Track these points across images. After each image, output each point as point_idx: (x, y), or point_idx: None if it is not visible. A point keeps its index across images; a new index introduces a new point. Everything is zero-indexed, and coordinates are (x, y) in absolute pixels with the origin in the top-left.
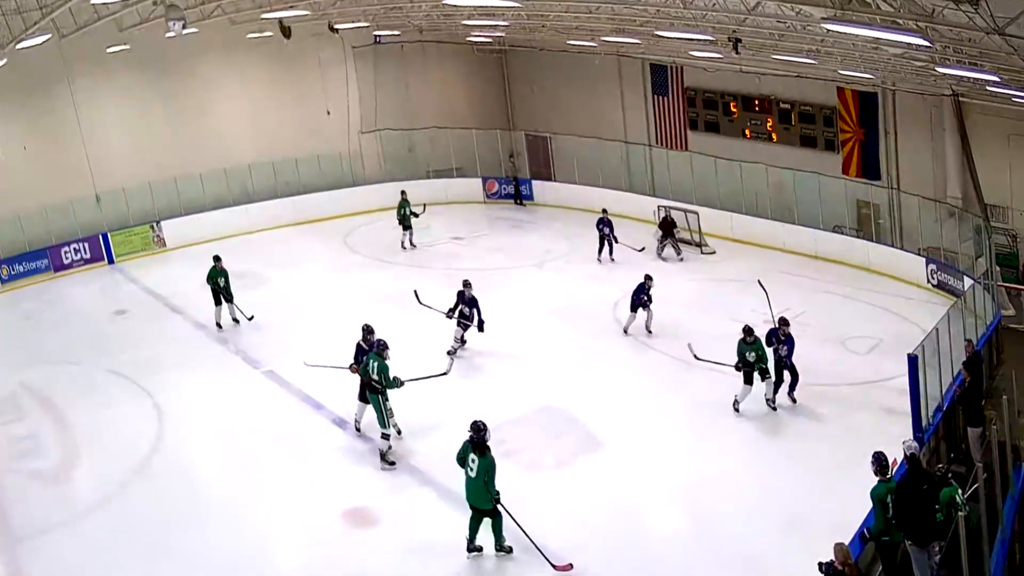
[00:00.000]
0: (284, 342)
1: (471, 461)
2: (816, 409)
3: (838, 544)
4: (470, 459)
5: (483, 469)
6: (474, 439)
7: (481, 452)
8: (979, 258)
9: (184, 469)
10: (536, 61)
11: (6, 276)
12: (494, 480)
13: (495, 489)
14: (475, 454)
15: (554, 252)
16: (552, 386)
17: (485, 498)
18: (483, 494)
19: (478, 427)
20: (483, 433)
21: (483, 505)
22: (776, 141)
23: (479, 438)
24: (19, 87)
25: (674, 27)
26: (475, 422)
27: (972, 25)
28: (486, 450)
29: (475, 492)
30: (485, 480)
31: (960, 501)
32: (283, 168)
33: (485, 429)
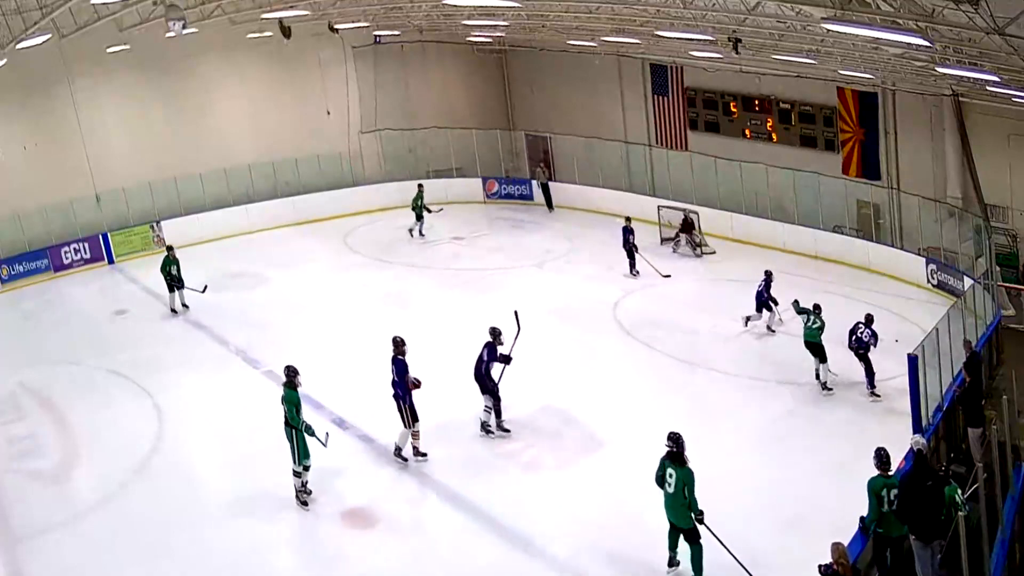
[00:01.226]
0: (284, 342)
1: (669, 476)
2: (816, 409)
3: (835, 543)
4: (668, 473)
5: (681, 482)
6: (672, 451)
7: (680, 463)
8: (979, 258)
9: (184, 469)
10: (536, 61)
11: (6, 276)
12: (695, 494)
13: (698, 507)
14: (673, 467)
15: (554, 252)
16: (552, 386)
17: (686, 516)
18: (684, 511)
19: (676, 438)
20: (681, 443)
21: (684, 524)
22: (776, 141)
23: (678, 448)
24: (19, 87)
25: (674, 27)
26: (671, 433)
27: (972, 25)
28: (684, 461)
29: (675, 509)
30: (685, 495)
31: (960, 501)
32: (283, 168)
33: (681, 439)
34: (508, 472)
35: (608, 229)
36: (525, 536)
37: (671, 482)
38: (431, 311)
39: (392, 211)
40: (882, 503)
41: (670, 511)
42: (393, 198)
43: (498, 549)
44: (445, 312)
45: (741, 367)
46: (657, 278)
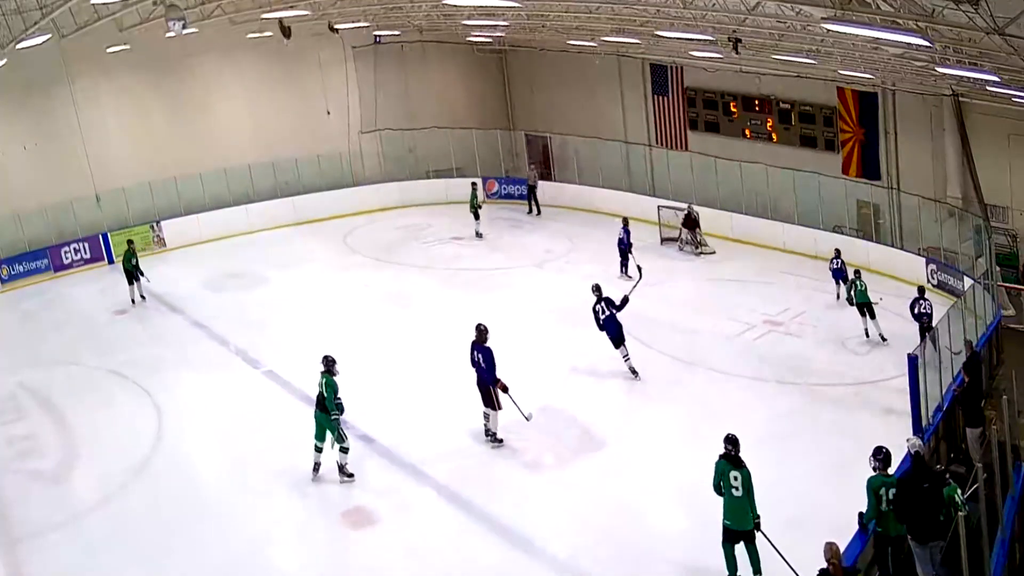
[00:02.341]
0: (284, 342)
1: (733, 479)
2: (816, 409)
3: (828, 543)
4: (731, 477)
5: (748, 483)
6: (731, 452)
7: (739, 465)
8: (979, 258)
9: (184, 469)
10: (536, 61)
11: (6, 276)
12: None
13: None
14: (736, 470)
15: (554, 252)
16: (552, 386)
17: (749, 518)
18: (747, 513)
19: (733, 440)
20: (738, 444)
21: (746, 526)
22: (776, 141)
23: (736, 449)
24: (19, 87)
25: (674, 27)
26: (729, 435)
27: (972, 25)
28: (742, 462)
29: (740, 512)
30: (749, 496)
31: (960, 501)
32: (283, 168)
33: (738, 440)
34: (508, 472)
35: (608, 229)
36: (525, 536)
37: (737, 484)
38: (431, 311)
39: (392, 211)
40: (880, 502)
41: (734, 515)
42: (393, 198)
43: (498, 549)
44: (445, 312)
45: (741, 367)
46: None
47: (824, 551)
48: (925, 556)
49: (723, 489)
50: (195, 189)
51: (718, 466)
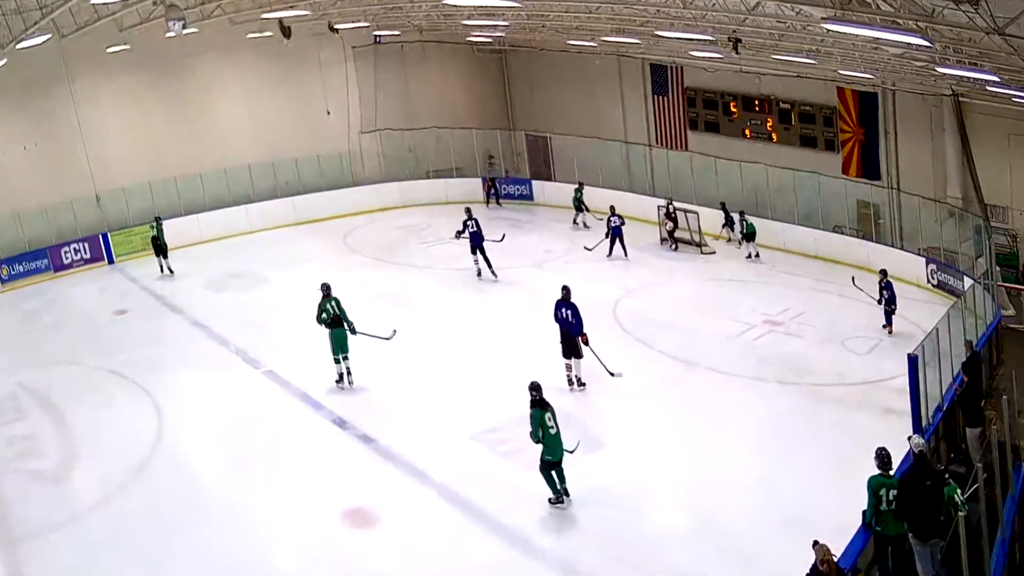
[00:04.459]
0: (284, 342)
1: (548, 420)
2: (816, 409)
3: (818, 544)
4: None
5: (556, 418)
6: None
7: (549, 407)
8: (979, 258)
9: (184, 469)
10: (536, 61)
11: (6, 276)
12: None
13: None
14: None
15: (554, 252)
16: (552, 386)
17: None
18: (562, 444)
19: (536, 386)
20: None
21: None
22: (776, 141)
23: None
24: (19, 87)
25: (674, 27)
26: (533, 382)
27: (972, 25)
28: (549, 404)
29: (559, 445)
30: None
31: (960, 501)
32: (283, 168)
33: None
34: (508, 472)
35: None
36: (524, 536)
37: (552, 424)
38: (431, 311)
39: (392, 211)
40: (880, 502)
41: (554, 450)
42: (393, 198)
43: (498, 549)
44: (445, 312)
45: (741, 367)
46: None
47: (816, 552)
48: (926, 554)
49: (543, 431)
50: (195, 189)
51: (535, 415)
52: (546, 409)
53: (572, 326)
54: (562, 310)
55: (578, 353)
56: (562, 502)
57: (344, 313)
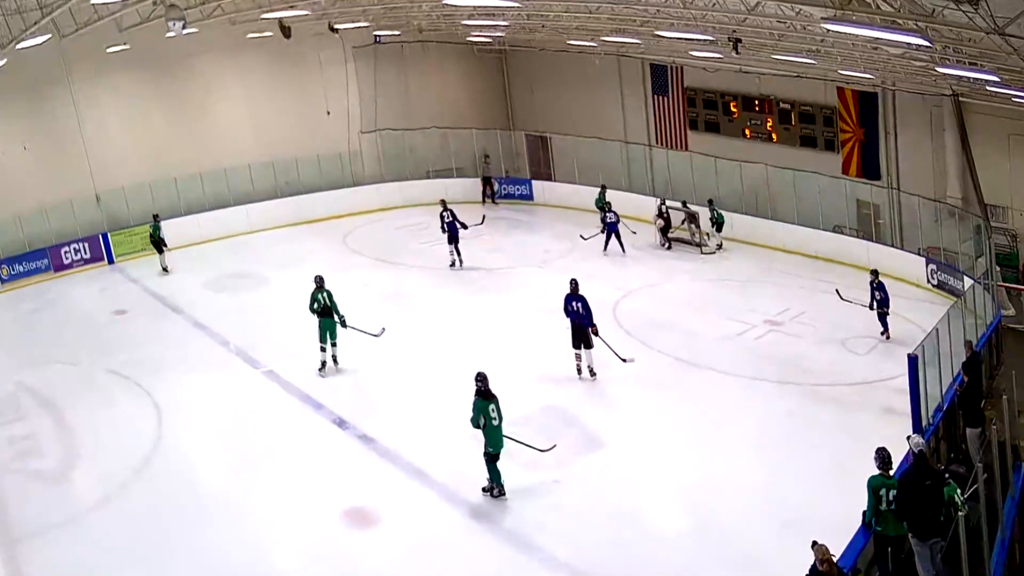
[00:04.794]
0: (284, 342)
1: (491, 411)
2: (816, 409)
3: (817, 545)
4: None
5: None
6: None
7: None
8: (979, 258)
9: (184, 469)
10: (536, 61)
11: (6, 276)
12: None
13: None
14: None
15: (554, 252)
16: (552, 386)
17: (502, 440)
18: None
19: (482, 376)
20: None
21: (502, 447)
22: (776, 141)
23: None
24: (19, 87)
25: (674, 27)
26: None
27: (972, 25)
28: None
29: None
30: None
31: (960, 501)
32: (283, 168)
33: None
34: (508, 472)
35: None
36: (524, 535)
37: (495, 415)
38: (431, 311)
39: (392, 211)
40: (880, 502)
41: (495, 442)
42: (393, 198)
43: (497, 549)
44: (445, 312)
45: (741, 367)
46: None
47: (815, 552)
48: (926, 554)
49: (484, 421)
50: (195, 189)
51: (477, 404)
52: (490, 400)
53: (583, 318)
54: (573, 303)
55: (588, 343)
56: (504, 494)
57: (335, 306)
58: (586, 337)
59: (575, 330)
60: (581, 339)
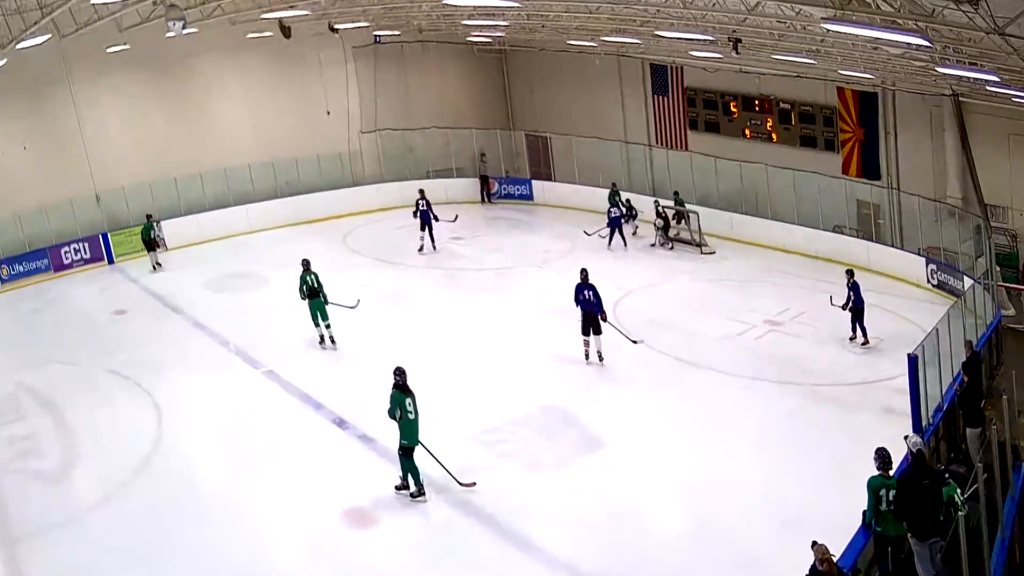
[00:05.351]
0: (284, 342)
1: (408, 405)
2: (816, 409)
3: (816, 545)
4: (407, 403)
5: (416, 406)
6: (400, 382)
7: (410, 392)
8: (979, 258)
9: (184, 469)
10: (536, 61)
11: (6, 276)
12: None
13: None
14: (409, 397)
15: (554, 252)
16: (552, 386)
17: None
18: (418, 431)
19: (400, 371)
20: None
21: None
22: (776, 141)
23: (404, 380)
24: (19, 87)
25: (674, 27)
26: (397, 367)
27: (972, 25)
28: (410, 389)
29: (415, 431)
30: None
31: (959, 501)
32: (283, 168)
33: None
34: (507, 472)
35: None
36: (524, 535)
37: (411, 409)
38: (431, 311)
39: (392, 211)
40: (880, 502)
41: (411, 435)
42: (393, 198)
43: (497, 548)
44: (445, 312)
45: (741, 367)
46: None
47: (815, 552)
48: (925, 553)
49: (401, 414)
50: (195, 189)
51: (395, 396)
52: (407, 394)
53: (594, 306)
54: (584, 292)
55: (598, 330)
56: (424, 494)
57: (322, 287)
58: (595, 324)
59: (585, 317)
60: (590, 325)
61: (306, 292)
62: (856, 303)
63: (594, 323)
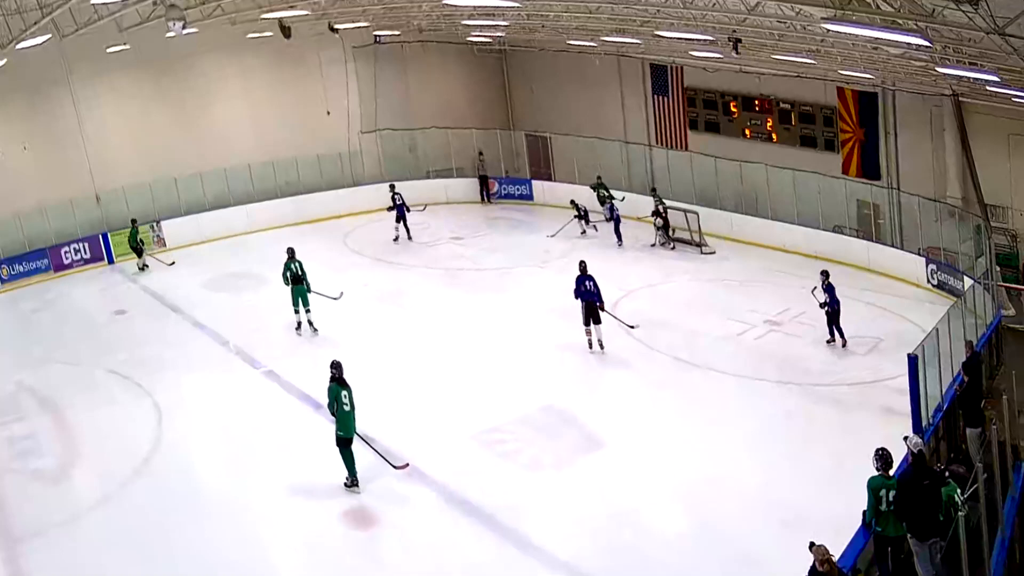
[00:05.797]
0: (284, 342)
1: (344, 398)
2: (816, 409)
3: (815, 546)
4: (343, 396)
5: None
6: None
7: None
8: (979, 258)
9: (184, 469)
10: (536, 61)
11: (6, 276)
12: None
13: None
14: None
15: (554, 252)
16: (552, 386)
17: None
18: (354, 423)
19: (337, 365)
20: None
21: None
22: (776, 141)
23: (340, 373)
24: (19, 87)
25: (674, 27)
26: (333, 361)
27: (972, 25)
28: (347, 382)
29: (351, 423)
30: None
31: (959, 501)
32: (283, 168)
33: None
34: (507, 472)
35: (608, 228)
36: (524, 535)
37: (347, 401)
38: (431, 311)
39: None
40: (880, 503)
41: (347, 427)
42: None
43: (497, 548)
44: (445, 312)
45: (740, 367)
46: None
47: (815, 554)
48: (925, 554)
49: (337, 406)
50: (195, 189)
51: (332, 390)
52: (344, 387)
53: (594, 295)
54: (585, 283)
55: (597, 319)
56: (356, 484)
57: (305, 274)
58: (595, 313)
59: (587, 307)
60: (591, 315)
61: (289, 278)
62: (831, 304)
63: (594, 313)
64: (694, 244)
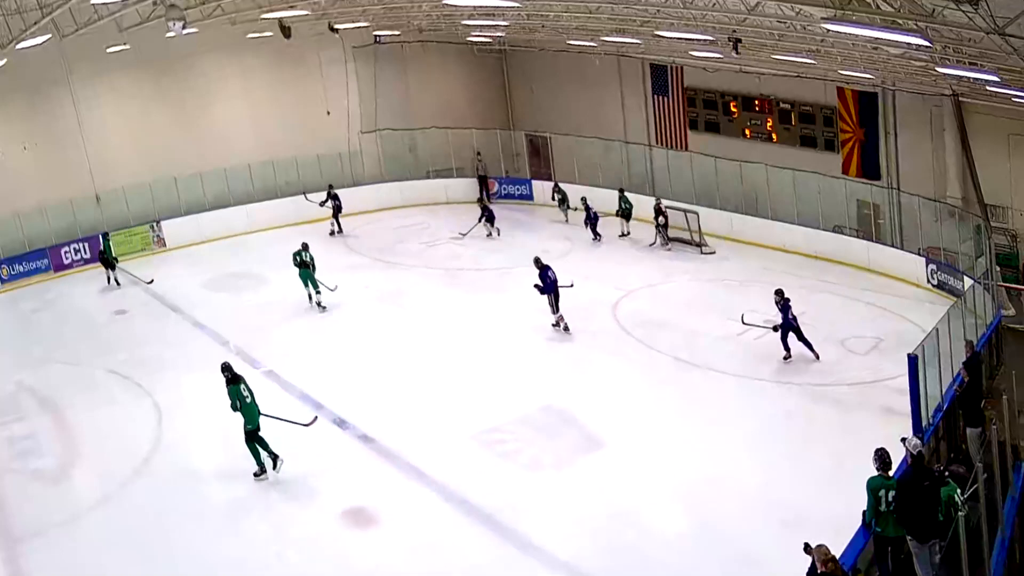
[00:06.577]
0: (284, 342)
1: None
2: (816, 409)
3: (816, 547)
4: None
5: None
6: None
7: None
8: (979, 258)
9: (184, 469)
10: (536, 61)
11: (6, 276)
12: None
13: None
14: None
15: (554, 252)
16: (552, 386)
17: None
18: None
19: (227, 366)
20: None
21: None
22: (776, 141)
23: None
24: (19, 87)
25: (674, 27)
26: (224, 363)
27: (972, 25)
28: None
29: (255, 414)
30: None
31: (959, 501)
32: (283, 168)
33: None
34: (507, 472)
35: (607, 228)
36: (524, 535)
37: (247, 393)
38: (430, 311)
39: (392, 211)
40: (880, 503)
41: (252, 418)
42: (393, 198)
43: (497, 548)
44: (445, 312)
45: (740, 367)
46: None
47: (816, 555)
48: (925, 555)
49: (240, 403)
50: (195, 189)
51: (230, 391)
52: (239, 383)
53: (556, 282)
54: (549, 272)
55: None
56: (264, 472)
57: (313, 264)
58: (558, 297)
59: (555, 295)
60: (558, 300)
61: (298, 262)
62: (784, 323)
63: (558, 297)
64: (694, 244)
